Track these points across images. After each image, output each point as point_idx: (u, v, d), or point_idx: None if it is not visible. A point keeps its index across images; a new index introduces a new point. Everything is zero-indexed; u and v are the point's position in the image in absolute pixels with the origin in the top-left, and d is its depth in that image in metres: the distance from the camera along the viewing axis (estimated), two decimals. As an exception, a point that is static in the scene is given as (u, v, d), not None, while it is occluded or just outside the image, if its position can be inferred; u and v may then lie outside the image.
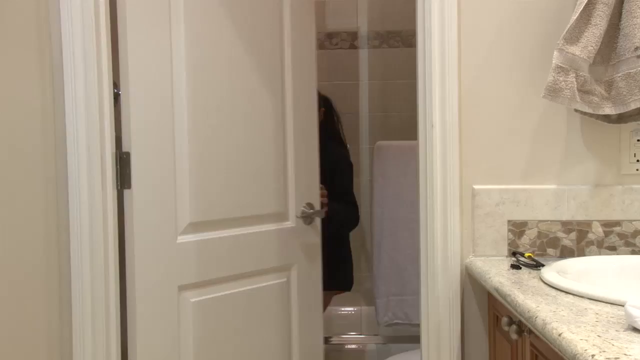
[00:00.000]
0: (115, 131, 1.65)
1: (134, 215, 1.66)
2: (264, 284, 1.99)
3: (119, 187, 1.65)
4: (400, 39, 3.18)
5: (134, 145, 1.65)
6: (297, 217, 2.06)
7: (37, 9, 1.54)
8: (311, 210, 2.10)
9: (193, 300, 1.80)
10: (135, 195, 1.66)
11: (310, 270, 2.14)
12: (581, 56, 1.45)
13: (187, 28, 1.75)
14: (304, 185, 2.10)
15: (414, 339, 2.37)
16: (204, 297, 1.83)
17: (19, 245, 1.52)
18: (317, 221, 2.15)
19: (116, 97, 1.66)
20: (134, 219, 1.66)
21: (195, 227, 1.80)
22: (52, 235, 1.58)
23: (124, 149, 1.66)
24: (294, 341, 2.09)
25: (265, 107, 1.97)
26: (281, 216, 2.04)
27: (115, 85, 1.66)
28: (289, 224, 2.06)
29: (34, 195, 1.55)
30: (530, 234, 1.60)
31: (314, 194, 2.15)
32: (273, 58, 1.99)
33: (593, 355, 0.86)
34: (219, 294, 1.87)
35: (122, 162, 1.65)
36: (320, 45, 3.17)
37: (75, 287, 1.58)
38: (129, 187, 1.66)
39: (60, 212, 1.58)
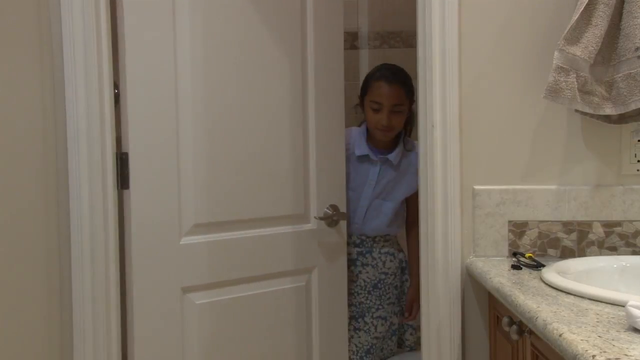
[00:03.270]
0: (117, 131, 1.65)
1: (132, 216, 1.66)
2: (279, 288, 1.94)
3: (119, 188, 1.65)
4: (400, 40, 3.17)
5: (132, 146, 1.65)
6: (317, 218, 2.00)
7: (37, 9, 1.54)
8: (333, 213, 2.03)
9: (199, 302, 1.78)
10: (133, 195, 1.66)
11: (333, 274, 2.08)
12: (582, 57, 1.45)
13: (193, 23, 1.72)
14: (327, 186, 2.03)
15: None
16: (210, 300, 1.80)
17: (19, 246, 1.52)
18: (342, 223, 2.08)
19: (117, 97, 1.66)
20: (132, 219, 1.66)
21: (202, 228, 1.77)
22: (53, 236, 1.58)
23: (124, 150, 1.66)
24: (314, 348, 2.02)
25: (284, 104, 1.92)
26: (300, 218, 1.99)
27: (116, 85, 1.66)
28: (309, 226, 2.01)
29: (35, 195, 1.55)
30: (530, 235, 1.60)
31: (340, 195, 2.07)
32: (293, 50, 1.93)
33: (594, 356, 0.86)
34: (228, 296, 1.83)
35: (122, 162, 1.65)
36: (321, 46, 3.17)
37: (76, 288, 1.58)
38: (127, 187, 1.66)
39: (61, 212, 1.58)
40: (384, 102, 2.15)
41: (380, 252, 2.27)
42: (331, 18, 2.03)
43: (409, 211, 2.31)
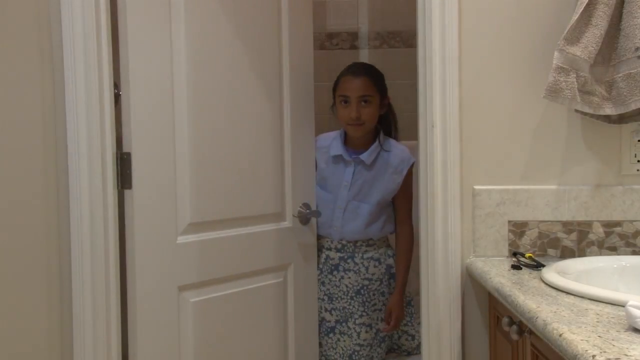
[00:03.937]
0: (116, 131, 1.65)
1: (135, 216, 1.66)
2: (262, 284, 1.99)
3: (119, 188, 1.65)
4: (400, 40, 3.17)
5: (134, 146, 1.65)
6: (295, 216, 2.08)
7: (37, 9, 1.54)
8: (307, 211, 2.11)
9: (193, 300, 1.80)
10: (136, 195, 1.66)
11: (306, 270, 2.15)
12: (582, 57, 1.45)
13: (187, 28, 1.75)
14: (300, 186, 2.10)
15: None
16: (203, 297, 1.83)
17: (19, 246, 1.52)
18: (313, 221, 2.16)
19: (117, 97, 1.66)
20: (135, 219, 1.66)
21: (195, 227, 1.80)
22: (53, 236, 1.58)
23: (125, 150, 1.66)
24: (290, 340, 2.10)
25: (263, 107, 1.98)
26: (278, 216, 2.05)
27: (116, 85, 1.66)
28: (286, 224, 2.07)
29: (35, 195, 1.55)
30: (530, 235, 1.60)
31: (310, 194, 2.16)
32: (271, 58, 2.00)
33: (594, 356, 0.87)
34: (218, 294, 1.87)
35: (123, 162, 1.65)
36: (321, 46, 3.17)
37: (76, 288, 1.58)
38: (130, 187, 1.66)
39: (61, 212, 1.58)
40: (351, 94, 2.14)
41: (362, 258, 2.21)
42: (303, 20, 2.10)
43: (395, 213, 2.27)
